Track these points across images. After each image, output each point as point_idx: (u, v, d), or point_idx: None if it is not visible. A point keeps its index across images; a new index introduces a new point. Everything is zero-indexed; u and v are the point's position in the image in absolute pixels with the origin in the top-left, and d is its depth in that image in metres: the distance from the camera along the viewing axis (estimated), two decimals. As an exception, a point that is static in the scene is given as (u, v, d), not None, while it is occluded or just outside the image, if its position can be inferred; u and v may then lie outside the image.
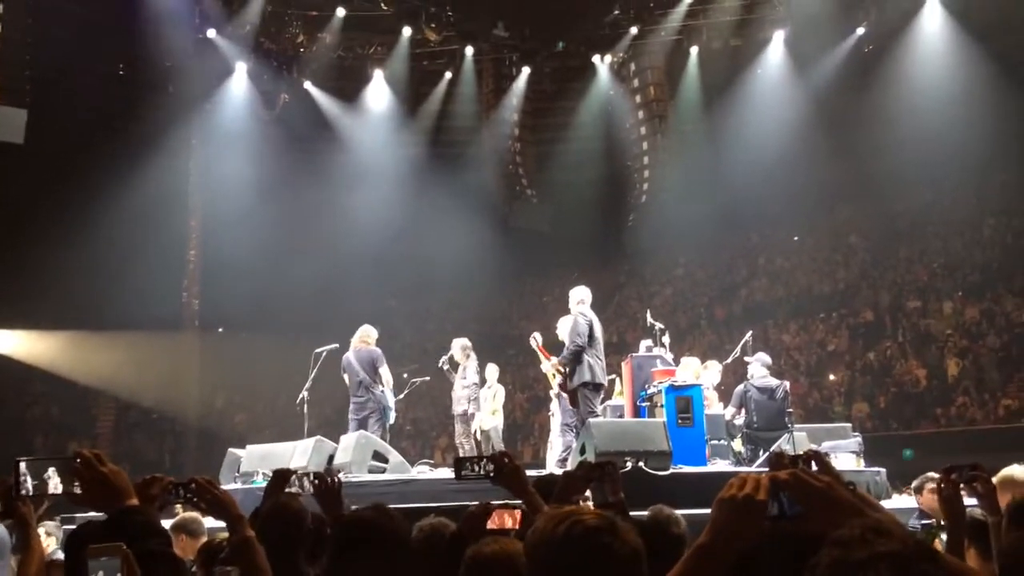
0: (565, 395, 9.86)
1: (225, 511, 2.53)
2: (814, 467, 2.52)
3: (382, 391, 10.19)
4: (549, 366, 10.15)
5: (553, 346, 10.44)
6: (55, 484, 2.09)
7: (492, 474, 2.88)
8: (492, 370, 11.76)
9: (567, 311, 9.88)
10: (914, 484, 6.73)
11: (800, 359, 20.79)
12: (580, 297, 9.71)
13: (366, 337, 10.44)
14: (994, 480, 5.30)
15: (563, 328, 9.82)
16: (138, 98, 19.64)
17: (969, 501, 3.11)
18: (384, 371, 10.25)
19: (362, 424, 10.07)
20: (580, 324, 9.38)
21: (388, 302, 24.81)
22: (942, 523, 3.14)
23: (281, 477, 3.64)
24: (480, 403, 11.23)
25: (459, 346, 11.27)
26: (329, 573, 2.41)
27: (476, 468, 2.91)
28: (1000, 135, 18.83)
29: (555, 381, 10.15)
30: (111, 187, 18.86)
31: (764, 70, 20.73)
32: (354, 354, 10.31)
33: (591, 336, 9.34)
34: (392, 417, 10.43)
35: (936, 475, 6.34)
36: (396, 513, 2.53)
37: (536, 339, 10.84)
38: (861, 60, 20.39)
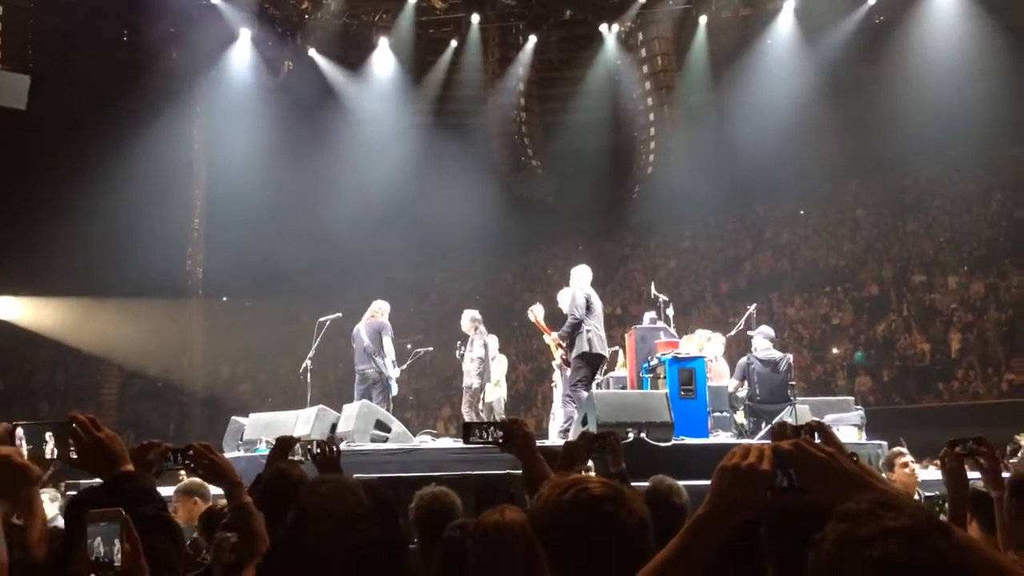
0: (568, 367, 9.91)
1: (222, 476, 2.52)
2: (817, 439, 2.50)
3: (384, 361, 10.25)
4: (550, 339, 10.19)
5: (554, 318, 10.44)
6: (51, 449, 2.06)
7: (501, 440, 2.86)
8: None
9: (569, 284, 9.91)
10: (881, 461, 6.60)
11: (804, 332, 20.77)
12: (580, 276, 9.78)
13: (377, 312, 10.67)
14: None
15: (564, 300, 9.90)
16: (142, 64, 19.46)
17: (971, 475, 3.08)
18: (387, 342, 10.37)
19: (366, 394, 10.17)
20: (578, 297, 9.49)
21: (391, 272, 24.78)
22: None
23: (284, 445, 3.64)
24: (488, 374, 11.25)
25: (468, 318, 11.24)
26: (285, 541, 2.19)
27: (484, 434, 2.89)
28: (1010, 109, 18.64)
29: (557, 353, 10.18)
30: (115, 154, 18.78)
31: (773, 40, 20.44)
32: (364, 325, 10.53)
33: (589, 308, 9.42)
34: (395, 388, 10.49)
35: (904, 450, 6.33)
36: (358, 486, 2.10)
37: (534, 312, 10.83)
38: (871, 31, 20.12)
